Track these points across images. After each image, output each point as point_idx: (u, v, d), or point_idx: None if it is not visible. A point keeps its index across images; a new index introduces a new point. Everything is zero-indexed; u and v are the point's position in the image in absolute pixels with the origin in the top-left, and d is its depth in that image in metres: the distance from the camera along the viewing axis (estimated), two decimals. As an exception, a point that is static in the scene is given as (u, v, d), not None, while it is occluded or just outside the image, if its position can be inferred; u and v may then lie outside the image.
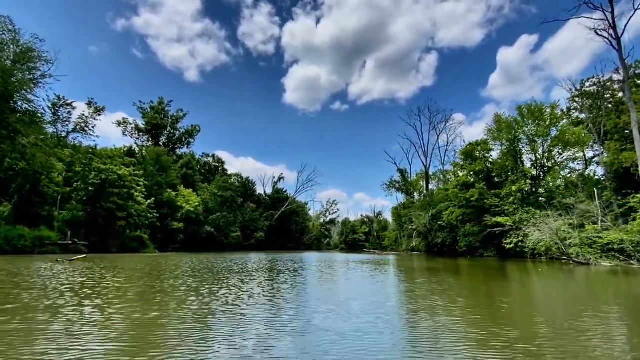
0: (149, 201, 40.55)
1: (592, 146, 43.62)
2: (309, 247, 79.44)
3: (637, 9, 23.97)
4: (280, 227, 72.57)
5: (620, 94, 43.13)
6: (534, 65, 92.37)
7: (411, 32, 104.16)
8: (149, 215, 40.29)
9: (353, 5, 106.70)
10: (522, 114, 33.06)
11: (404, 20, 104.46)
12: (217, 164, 70.34)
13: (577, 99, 46.29)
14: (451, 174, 45.48)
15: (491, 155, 36.11)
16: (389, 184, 61.98)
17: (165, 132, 63.75)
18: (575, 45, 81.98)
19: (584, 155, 37.13)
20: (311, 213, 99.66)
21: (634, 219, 25.15)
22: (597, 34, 25.50)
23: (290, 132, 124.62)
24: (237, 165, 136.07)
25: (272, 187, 76.79)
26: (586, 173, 41.10)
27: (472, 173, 35.38)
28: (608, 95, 43.72)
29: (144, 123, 61.48)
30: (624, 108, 41.13)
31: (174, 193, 48.96)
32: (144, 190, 39.88)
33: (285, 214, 73.22)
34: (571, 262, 21.48)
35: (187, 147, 67.32)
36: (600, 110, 43.42)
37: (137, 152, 52.71)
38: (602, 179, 39.87)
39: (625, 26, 24.63)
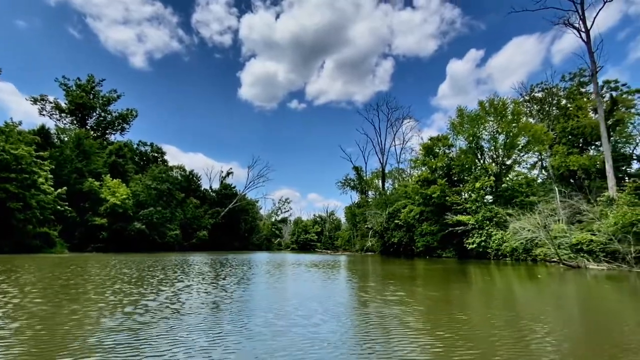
0: (59, 190, 32.58)
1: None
2: (258, 247, 73.54)
3: (606, 1, 22.57)
4: (227, 226, 65.96)
5: (564, 101, 43.80)
6: (479, 79, 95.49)
7: (370, 37, 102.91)
8: (58, 207, 32.36)
9: (314, 3, 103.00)
10: (484, 109, 31.01)
11: (364, 24, 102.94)
12: (157, 154, 61.94)
13: (526, 104, 46.41)
14: (409, 169, 43.00)
15: (452, 152, 33.81)
16: (344, 182, 58.60)
17: (94, 114, 54.30)
18: (513, 64, 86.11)
19: (541, 154, 36.24)
20: (262, 212, 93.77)
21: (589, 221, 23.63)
22: (567, 24, 23.83)
23: (244, 128, 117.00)
24: (185, 160, 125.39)
25: (219, 183, 69.82)
26: (531, 175, 40.80)
27: (433, 169, 32.73)
28: (555, 101, 44.10)
29: (67, 102, 51.63)
30: (571, 113, 41.48)
31: (97, 183, 40.81)
32: (50, 176, 31.87)
33: (233, 211, 66.74)
34: (561, 265, 18.86)
35: (121, 133, 58.30)
36: (548, 115, 43.67)
37: (53, 132, 43.46)
38: (547, 181, 39.70)
39: (595, 18, 23.20)
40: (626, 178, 35.38)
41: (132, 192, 43.88)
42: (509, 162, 31.34)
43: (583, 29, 23.55)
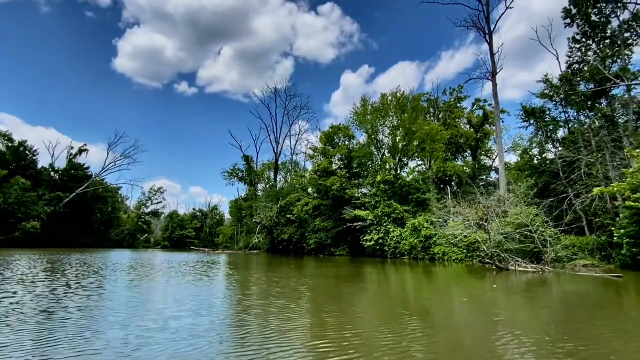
0: None
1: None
2: (118, 244, 58.49)
3: (508, 7, 22.70)
4: (74, 216, 50.01)
5: (441, 114, 46.82)
6: (366, 93, 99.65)
7: (273, 32, 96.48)
8: None
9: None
10: (386, 102, 28.97)
11: (268, 18, 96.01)
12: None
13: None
14: (304, 162, 38.77)
15: (352, 143, 30.86)
16: (230, 172, 50.60)
17: None
18: (395, 84, 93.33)
19: (430, 155, 36.47)
20: (129, 202, 76.61)
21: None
22: (474, 25, 23.23)
23: (117, 106, 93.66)
24: (30, 135, 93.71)
25: (67, 161, 52.54)
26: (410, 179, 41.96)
27: (333, 158, 29.05)
28: (437, 112, 46.56)
29: None
30: (450, 123, 44.23)
31: None
32: None
33: (85, 198, 51.05)
34: (494, 267, 16.24)
35: None
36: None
37: None
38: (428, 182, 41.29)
39: (497, 21, 23.18)
40: (488, 187, 38.83)
41: None
42: (405, 159, 30.06)
43: (487, 31, 23.37)
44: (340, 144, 30.96)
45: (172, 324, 5.06)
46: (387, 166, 27.53)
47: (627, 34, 26.02)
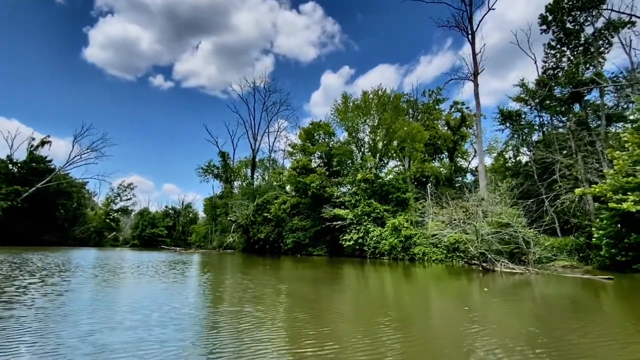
0: None
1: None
2: (83, 242, 54.56)
3: (490, 9, 22.40)
4: (34, 212, 46.13)
5: (420, 115, 46.68)
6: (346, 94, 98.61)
7: (253, 28, 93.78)
8: None
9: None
10: (368, 100, 28.13)
11: (249, 15, 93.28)
12: None
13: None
14: (283, 159, 37.31)
15: (332, 140, 29.76)
16: (206, 168, 48.24)
17: None
18: (374, 86, 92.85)
19: (410, 155, 35.92)
20: (97, 199, 72.03)
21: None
22: (457, 23, 22.76)
23: (88, 98, 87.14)
24: None
25: (27, 154, 48.39)
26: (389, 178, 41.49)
27: (312, 156, 27.84)
28: (416, 113, 46.31)
29: None
30: (429, 124, 44.09)
31: None
32: None
33: (47, 193, 47.18)
34: (481, 268, 15.28)
35: None
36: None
37: None
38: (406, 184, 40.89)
39: (480, 22, 22.86)
40: (464, 188, 38.85)
41: None
42: (385, 159, 29.30)
43: (470, 31, 22.99)
44: (320, 141, 29.80)
45: (74, 343, 3.66)
46: (368, 165, 26.65)
47: (600, 42, 26.53)
